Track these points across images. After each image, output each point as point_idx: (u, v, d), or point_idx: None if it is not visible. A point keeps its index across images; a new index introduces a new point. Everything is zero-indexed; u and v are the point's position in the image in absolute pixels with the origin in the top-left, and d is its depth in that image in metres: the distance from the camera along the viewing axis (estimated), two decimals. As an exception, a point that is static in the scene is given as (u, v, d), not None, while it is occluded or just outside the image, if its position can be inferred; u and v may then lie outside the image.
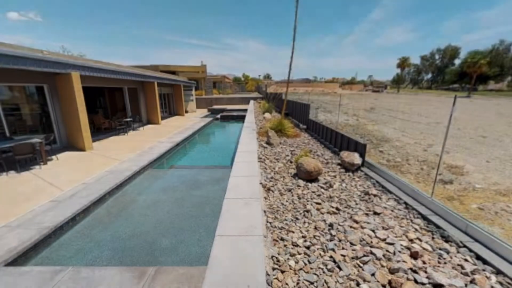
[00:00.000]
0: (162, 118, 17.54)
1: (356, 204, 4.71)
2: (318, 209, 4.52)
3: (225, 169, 7.45)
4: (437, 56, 79.62)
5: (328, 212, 4.41)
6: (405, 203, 4.65)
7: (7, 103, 8.31)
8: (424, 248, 3.38)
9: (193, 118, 19.38)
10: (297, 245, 3.53)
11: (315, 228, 3.94)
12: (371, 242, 3.53)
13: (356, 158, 6.42)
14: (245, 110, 22.16)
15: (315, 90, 55.02)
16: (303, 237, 3.72)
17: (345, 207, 4.60)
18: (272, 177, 6.08)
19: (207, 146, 12.05)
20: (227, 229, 3.78)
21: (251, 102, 29.55)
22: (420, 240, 3.58)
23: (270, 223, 4.13)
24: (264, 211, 4.48)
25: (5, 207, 4.68)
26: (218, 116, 20.37)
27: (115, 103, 17.47)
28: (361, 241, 3.57)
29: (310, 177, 5.79)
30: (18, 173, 6.57)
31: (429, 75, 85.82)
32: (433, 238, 3.63)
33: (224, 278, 2.86)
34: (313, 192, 5.25)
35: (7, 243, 3.59)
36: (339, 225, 3.99)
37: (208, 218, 4.77)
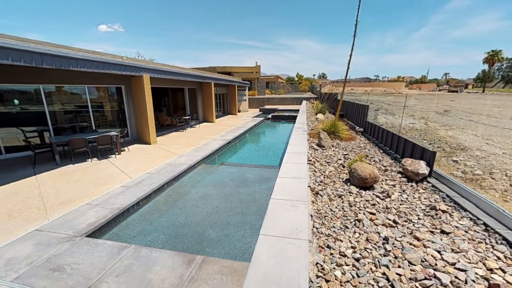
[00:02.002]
0: (216, 117, 18.59)
1: (419, 219, 4.13)
2: (371, 220, 4.12)
3: (273, 169, 7.45)
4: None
5: (383, 224, 3.98)
6: (485, 224, 3.87)
7: (94, 102, 10.01)
8: (508, 282, 2.75)
9: (245, 118, 20.01)
10: (345, 255, 3.28)
11: (367, 240, 3.60)
12: (436, 264, 3.04)
13: (421, 167, 5.64)
14: (297, 110, 21.81)
15: (375, 90, 50.64)
16: (353, 247, 3.44)
17: (405, 221, 4.08)
18: (321, 181, 5.81)
19: (256, 145, 12.27)
20: (272, 229, 3.76)
21: (304, 102, 28.93)
22: (504, 271, 2.92)
23: (317, 228, 3.94)
24: (311, 215, 4.31)
25: (88, 188, 5.62)
26: (269, 116, 20.54)
27: (177, 102, 19.31)
28: (422, 261, 3.10)
29: (365, 184, 5.32)
30: (99, 160, 7.83)
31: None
32: (524, 272, 2.92)
33: (266, 277, 2.84)
34: (367, 200, 4.82)
35: (88, 218, 4.30)
36: (396, 240, 3.56)
37: (253, 216, 4.83)
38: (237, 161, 8.99)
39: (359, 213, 4.34)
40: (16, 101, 8.04)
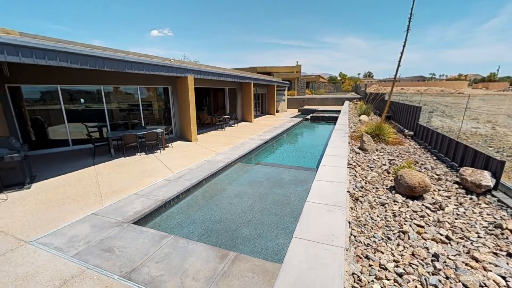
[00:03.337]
0: (254, 117, 18.81)
1: (479, 237, 3.58)
2: (419, 233, 3.71)
3: (310, 171, 7.24)
4: None
5: (433, 239, 3.55)
6: None
7: (144, 101, 10.97)
8: None
9: (283, 118, 19.86)
10: (385, 269, 3.01)
11: (413, 254, 3.25)
12: (500, 293, 2.60)
13: (485, 178, 4.90)
14: (338, 111, 20.88)
15: (430, 90, 45.68)
16: (395, 261, 3.13)
17: (460, 238, 3.58)
18: (362, 187, 5.45)
19: (293, 146, 12.07)
20: (306, 233, 3.65)
21: (346, 103, 27.56)
22: None
23: (355, 236, 3.70)
24: (349, 222, 4.06)
25: (136, 179, 6.16)
26: (308, 116, 20.04)
27: (217, 102, 20.06)
28: (481, 286, 2.68)
29: (413, 193, 4.83)
30: (146, 155, 8.54)
31: None
32: None
33: (298, 281, 2.76)
34: (415, 211, 4.36)
35: (135, 207, 4.71)
36: (448, 258, 3.14)
37: (287, 218, 4.74)
38: (273, 161, 8.96)
39: (405, 224, 3.95)
40: (82, 100, 9.25)
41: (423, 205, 4.57)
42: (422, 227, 3.87)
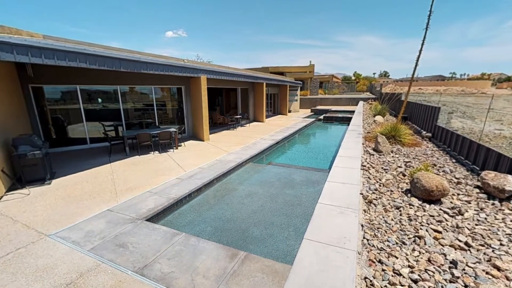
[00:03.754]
0: (266, 117, 18.77)
1: (501, 245, 3.40)
2: (436, 238, 3.57)
3: (322, 172, 7.14)
4: None
5: (451, 245, 3.40)
6: None
7: (158, 101, 11.23)
8: None
9: (295, 118, 19.71)
10: (399, 274, 2.91)
11: (429, 260, 3.12)
12: (525, 305, 2.45)
13: (509, 183, 4.64)
14: (352, 111, 20.48)
15: (450, 89, 43.88)
16: (410, 267, 3.03)
17: (481, 245, 3.41)
18: (376, 189, 5.31)
19: (305, 147, 11.94)
20: (317, 235, 3.59)
21: (361, 103, 26.98)
22: None
23: (368, 240, 3.61)
24: (362, 225, 3.97)
25: (150, 177, 6.30)
26: (321, 117, 19.78)
27: (229, 101, 20.18)
28: (505, 298, 2.54)
29: (430, 197, 4.65)
30: (159, 153, 8.72)
31: None
32: None
33: (308, 282, 2.73)
34: (432, 216, 4.19)
35: (148, 204, 4.82)
36: (467, 265, 3.00)
37: (298, 219, 4.69)
38: (284, 161, 8.91)
39: (421, 229, 3.81)
40: (99, 100, 9.57)
41: (440, 209, 4.39)
42: (440, 232, 3.72)
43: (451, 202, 4.65)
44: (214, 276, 2.98)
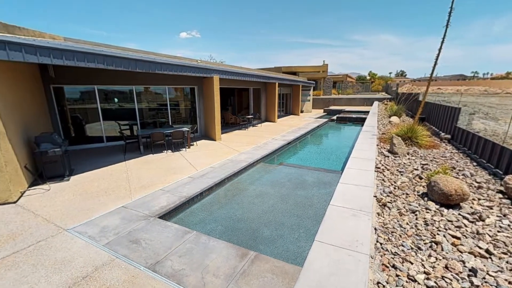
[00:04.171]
0: (278, 117, 18.69)
1: (527, 254, 3.20)
2: (454, 245, 3.42)
3: (334, 174, 7.02)
4: None
5: (470, 252, 3.25)
6: None
7: (172, 101, 11.44)
8: None
9: (307, 118, 19.51)
10: (414, 280, 2.81)
11: (446, 267, 2.99)
12: (553, 319, 2.29)
13: (535, 188, 4.37)
14: (366, 112, 20.04)
15: (472, 89, 41.94)
16: (426, 273, 2.91)
17: (503, 253, 3.23)
18: (390, 192, 5.15)
19: (317, 148, 11.79)
20: (328, 237, 3.53)
21: (375, 103, 26.34)
22: None
23: (381, 244, 3.50)
24: (375, 229, 3.86)
25: (162, 176, 6.43)
26: (334, 117, 19.46)
27: (241, 101, 20.25)
28: (530, 310, 2.39)
29: (448, 201, 4.46)
30: (172, 152, 8.87)
31: None
32: None
33: (318, 286, 2.68)
34: (450, 221, 4.02)
35: (160, 202, 4.91)
36: (488, 274, 2.85)
37: (309, 221, 4.64)
38: (296, 162, 8.83)
39: (438, 234, 3.66)
40: (116, 100, 9.87)
41: (459, 214, 4.20)
42: (458, 238, 3.56)
43: (471, 207, 4.44)
44: (224, 275, 3.00)
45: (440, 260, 3.14)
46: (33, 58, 4.94)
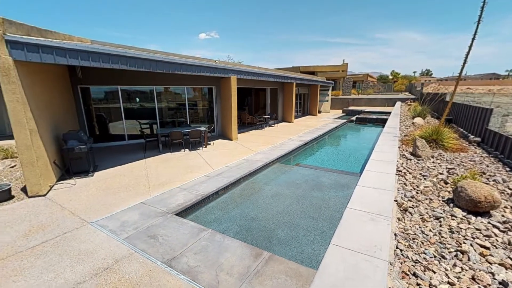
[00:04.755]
0: (295, 117, 18.50)
1: None
2: (482, 255, 3.19)
3: (352, 176, 6.82)
4: None
5: (501, 264, 3.02)
6: None
7: (190, 100, 11.69)
8: None
9: (325, 119, 19.14)
10: (437, 292, 2.65)
11: (473, 278, 2.80)
12: None
13: None
14: (388, 113, 19.30)
15: (506, 89, 39.03)
16: (450, 283, 2.74)
17: (541, 267, 2.97)
18: (412, 196, 4.92)
19: (335, 149, 11.52)
20: (345, 241, 3.44)
21: (398, 104, 25.30)
22: None
23: (401, 250, 3.35)
24: (395, 234, 3.70)
25: (180, 174, 6.58)
26: (353, 118, 18.93)
27: (258, 101, 20.25)
28: None
29: (476, 208, 4.18)
30: (190, 151, 9.06)
31: None
32: None
33: (332, 292, 2.61)
34: (478, 229, 3.76)
35: (177, 199, 5.03)
36: (522, 290, 2.63)
37: (325, 223, 4.54)
38: (312, 163, 8.69)
39: (464, 243, 3.43)
40: (137, 99, 10.25)
41: (489, 223, 3.92)
42: (487, 248, 3.32)
43: (502, 216, 4.13)
44: (237, 273, 3.01)
45: (466, 270, 2.94)
46: (63, 60, 5.24)
